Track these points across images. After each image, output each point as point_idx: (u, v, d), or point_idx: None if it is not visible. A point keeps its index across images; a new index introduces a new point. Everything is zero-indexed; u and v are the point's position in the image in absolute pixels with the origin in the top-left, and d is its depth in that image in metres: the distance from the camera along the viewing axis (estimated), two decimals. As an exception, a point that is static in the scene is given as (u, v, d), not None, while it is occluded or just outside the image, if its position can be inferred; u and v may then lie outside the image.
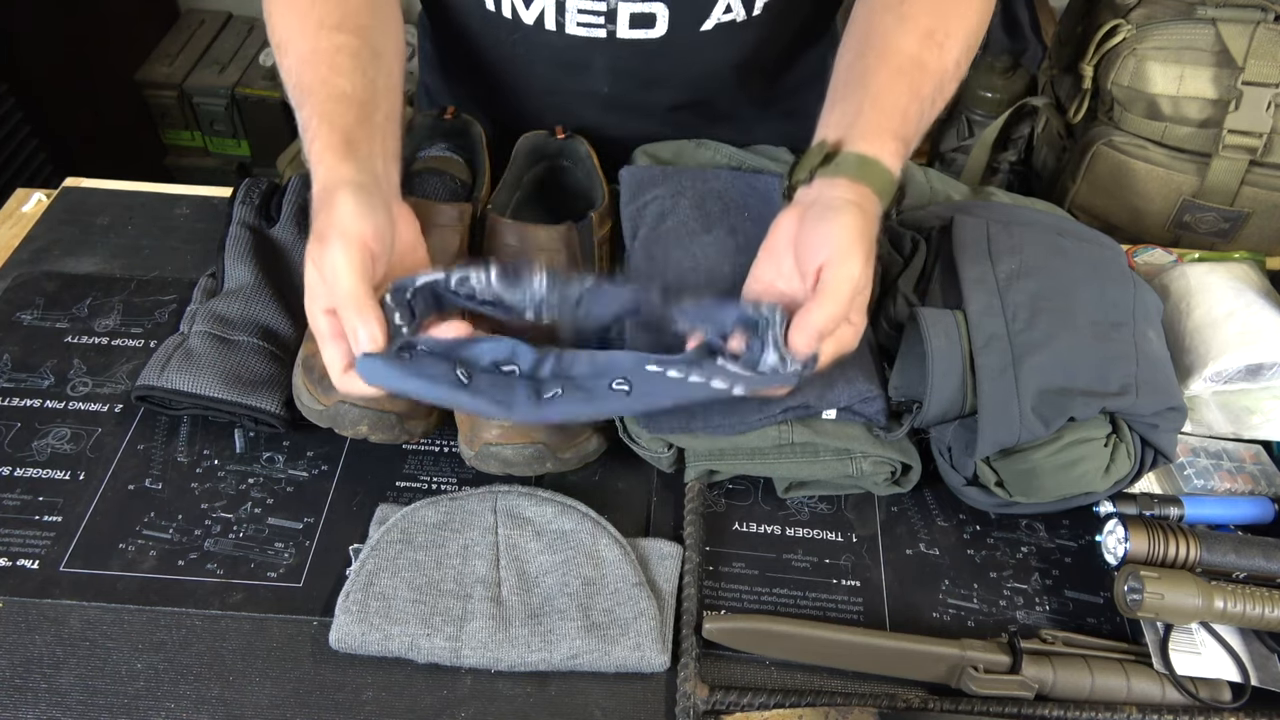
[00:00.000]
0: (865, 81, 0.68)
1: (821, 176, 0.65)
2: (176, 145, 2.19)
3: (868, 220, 0.62)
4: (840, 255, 0.59)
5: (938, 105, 0.70)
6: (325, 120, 0.65)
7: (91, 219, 0.90)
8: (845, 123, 0.66)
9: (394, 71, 0.71)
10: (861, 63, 0.69)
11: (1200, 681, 0.61)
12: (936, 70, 0.69)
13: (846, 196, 0.62)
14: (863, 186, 0.63)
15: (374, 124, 0.66)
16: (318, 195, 0.63)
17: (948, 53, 0.70)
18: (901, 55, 0.68)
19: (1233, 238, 1.16)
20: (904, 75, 0.68)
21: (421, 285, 0.62)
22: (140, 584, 0.64)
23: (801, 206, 0.64)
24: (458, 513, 0.65)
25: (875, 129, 0.65)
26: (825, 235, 0.60)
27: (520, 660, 0.60)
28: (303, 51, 0.68)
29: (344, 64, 0.67)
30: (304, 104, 0.67)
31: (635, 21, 0.79)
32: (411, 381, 0.58)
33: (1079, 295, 0.68)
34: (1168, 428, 0.66)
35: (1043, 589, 0.67)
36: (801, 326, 0.59)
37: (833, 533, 0.70)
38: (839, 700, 0.60)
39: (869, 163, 0.64)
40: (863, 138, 0.65)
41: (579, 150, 0.85)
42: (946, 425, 0.67)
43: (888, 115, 0.66)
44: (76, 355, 0.78)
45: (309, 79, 0.67)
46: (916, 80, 0.68)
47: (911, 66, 0.68)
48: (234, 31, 2.19)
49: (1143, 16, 1.11)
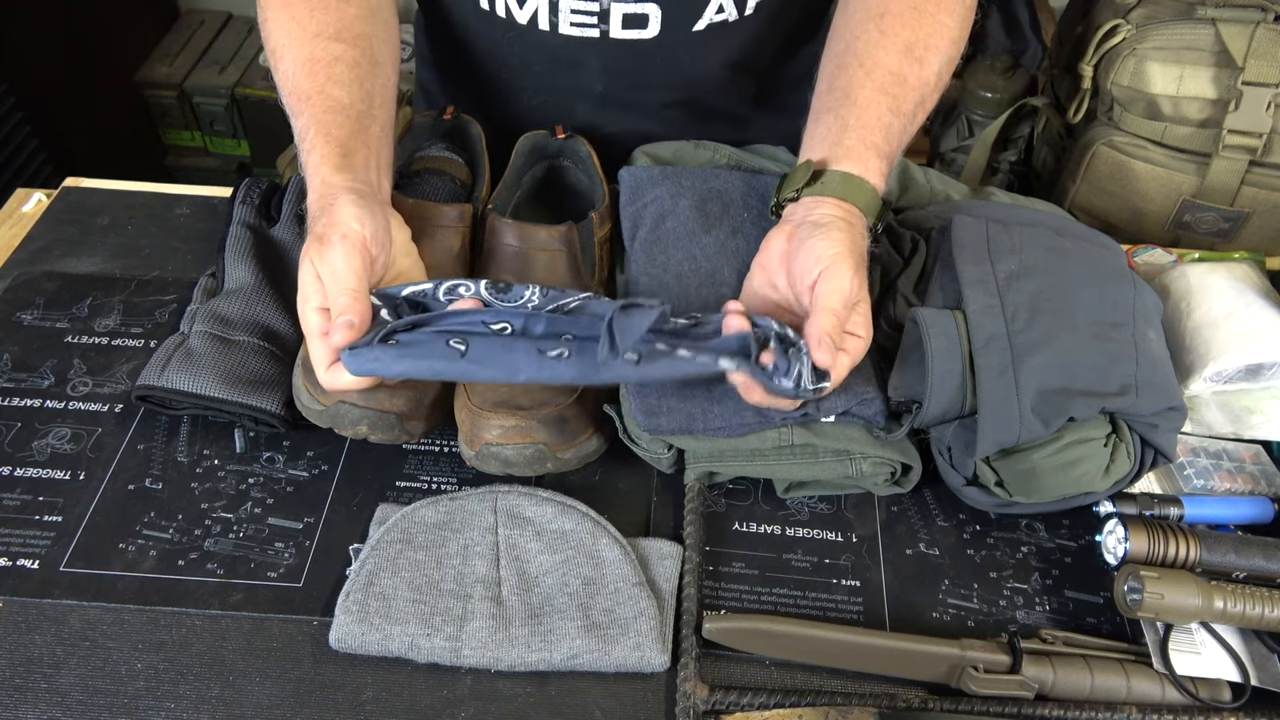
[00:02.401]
0: (849, 98, 0.69)
1: (808, 195, 0.67)
2: (176, 145, 2.19)
3: (855, 235, 0.64)
4: (830, 270, 0.62)
5: (919, 118, 0.72)
6: (322, 131, 0.65)
7: (91, 219, 0.90)
8: (830, 140, 0.68)
9: (390, 82, 0.72)
10: (844, 76, 0.71)
11: (1200, 681, 0.61)
12: (917, 84, 0.70)
13: (833, 214, 0.64)
14: (848, 205, 0.66)
15: (369, 136, 0.67)
16: (314, 202, 0.64)
17: (928, 66, 0.71)
18: (883, 70, 0.70)
19: (1233, 238, 1.16)
20: (886, 92, 0.69)
21: (408, 294, 0.62)
22: (140, 584, 0.64)
23: (791, 225, 0.67)
24: (458, 513, 0.65)
25: (859, 147, 0.67)
26: (815, 253, 0.63)
27: (520, 660, 0.60)
28: (299, 59, 0.69)
29: (342, 75, 0.68)
30: (301, 112, 0.67)
31: (628, 22, 0.79)
32: (403, 363, 0.58)
33: (1079, 295, 0.68)
34: (1168, 428, 0.66)
35: (1043, 589, 0.67)
36: (816, 340, 0.60)
37: (833, 533, 0.70)
38: (839, 700, 0.60)
39: (854, 181, 0.66)
40: (847, 156, 0.67)
41: (579, 150, 0.85)
42: (946, 425, 0.67)
43: (871, 133, 0.68)
44: (76, 355, 0.78)
45: (306, 87, 0.67)
46: (898, 97, 0.69)
47: (893, 83, 0.69)
48: (234, 31, 2.19)
49: (1143, 16, 1.11)
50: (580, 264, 0.75)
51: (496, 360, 0.58)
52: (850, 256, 0.62)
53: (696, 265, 0.74)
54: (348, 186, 0.63)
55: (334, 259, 0.60)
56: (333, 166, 0.64)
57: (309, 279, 0.62)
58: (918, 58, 0.70)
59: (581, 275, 0.75)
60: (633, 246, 0.77)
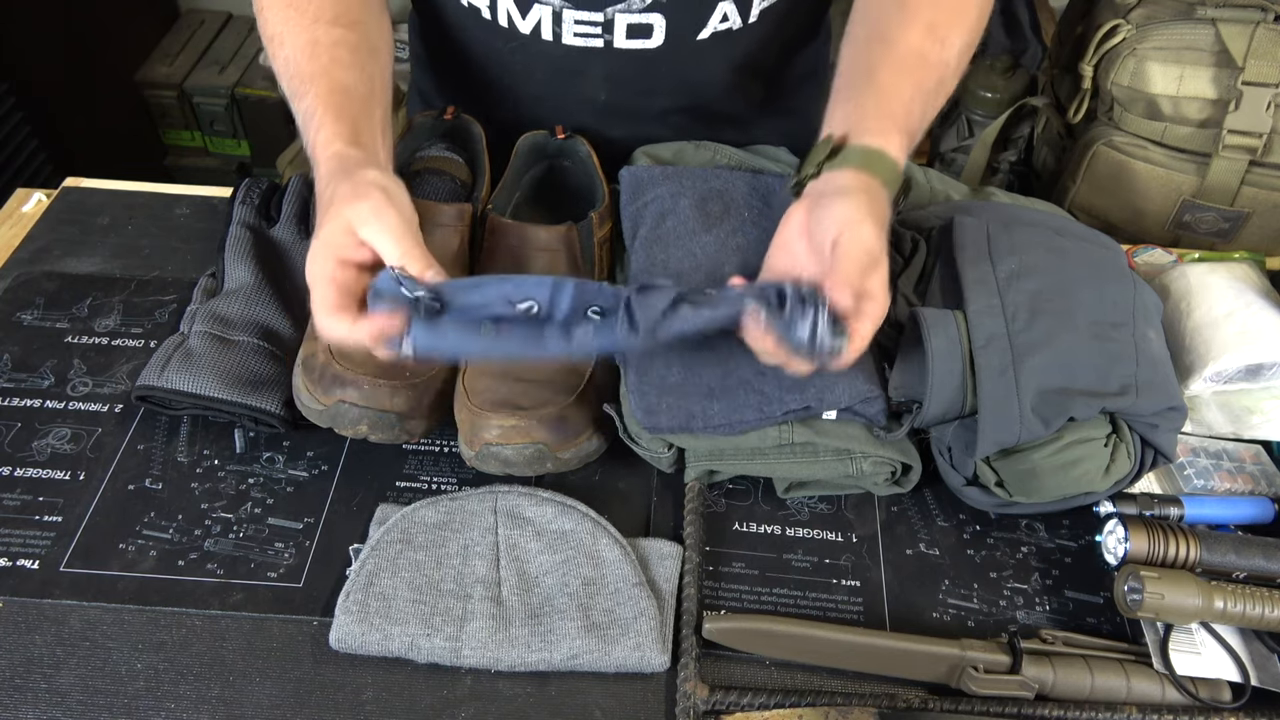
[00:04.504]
0: (870, 76, 0.68)
1: (828, 170, 0.65)
2: (176, 145, 2.19)
3: (876, 202, 0.62)
4: (852, 225, 0.60)
5: (939, 100, 0.71)
6: (331, 109, 0.65)
7: (91, 219, 0.90)
8: (851, 118, 0.67)
9: (387, 68, 0.72)
10: (866, 57, 0.70)
11: (1200, 681, 0.61)
12: (938, 64, 0.70)
13: (854, 184, 0.63)
14: (868, 176, 0.64)
15: (374, 120, 0.67)
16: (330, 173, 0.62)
17: (949, 47, 0.70)
18: (904, 49, 0.69)
19: (1233, 238, 1.16)
20: (907, 70, 0.68)
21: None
22: (140, 584, 0.64)
23: (810, 198, 0.65)
24: (458, 513, 0.65)
25: (880, 122, 0.66)
26: (835, 215, 0.61)
27: (520, 660, 0.60)
28: (300, 43, 0.68)
29: (344, 58, 0.68)
30: (305, 93, 0.67)
31: (632, 32, 0.79)
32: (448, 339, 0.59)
33: (1079, 295, 0.68)
34: (1168, 428, 0.66)
35: (1043, 589, 0.67)
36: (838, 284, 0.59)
37: (833, 533, 0.70)
38: (839, 700, 0.60)
39: (875, 154, 0.65)
40: (868, 131, 0.65)
41: (579, 150, 0.85)
42: (946, 425, 0.67)
43: (892, 109, 0.67)
44: (76, 355, 0.78)
45: (309, 69, 0.67)
46: (919, 75, 0.69)
47: (915, 61, 0.69)
48: (234, 31, 2.19)
49: (1143, 16, 1.11)
50: (580, 264, 0.75)
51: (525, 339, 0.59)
52: (872, 217, 0.61)
53: (697, 264, 0.74)
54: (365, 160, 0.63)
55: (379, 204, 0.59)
56: (346, 141, 0.64)
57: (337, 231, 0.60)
58: (940, 38, 0.70)
59: (581, 275, 0.75)
60: (633, 246, 0.77)
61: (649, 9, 0.77)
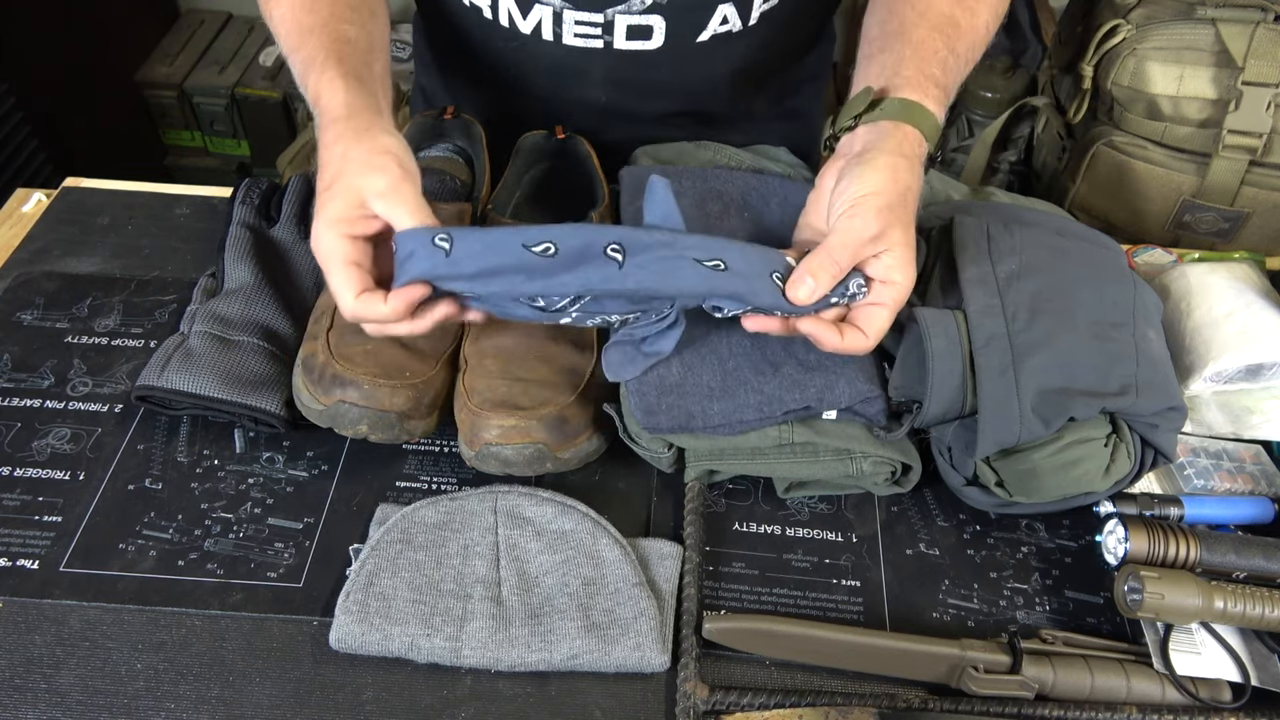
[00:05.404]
0: (903, 33, 0.69)
1: (866, 122, 0.65)
2: (176, 145, 2.19)
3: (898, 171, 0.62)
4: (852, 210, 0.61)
5: (969, 64, 0.71)
6: (334, 56, 0.65)
7: (91, 219, 0.90)
8: (888, 72, 0.67)
9: (385, 35, 0.72)
10: (897, 19, 0.70)
11: (1200, 681, 0.61)
12: (969, 29, 0.71)
13: (885, 146, 0.63)
14: (908, 127, 0.64)
15: (374, 73, 0.67)
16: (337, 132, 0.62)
17: (978, 15, 0.71)
18: (936, 12, 0.70)
19: (1233, 238, 1.16)
20: (940, 30, 0.69)
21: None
22: (140, 584, 0.64)
23: (842, 160, 0.65)
24: (458, 513, 0.65)
25: (917, 76, 0.66)
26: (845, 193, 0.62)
27: (520, 660, 0.60)
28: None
29: (344, 13, 0.68)
30: (305, 43, 0.66)
31: (632, 33, 0.79)
32: (498, 278, 0.58)
33: (1079, 295, 0.68)
34: (1168, 428, 0.66)
35: (1043, 589, 0.67)
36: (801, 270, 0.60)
37: (833, 533, 0.70)
38: (839, 700, 0.60)
39: (913, 106, 0.65)
40: (906, 84, 0.66)
41: (579, 150, 0.85)
42: (946, 425, 0.67)
43: (929, 64, 0.67)
44: (76, 355, 0.78)
45: (310, 21, 0.67)
46: (952, 36, 0.69)
47: (946, 23, 0.70)
48: (234, 31, 2.19)
49: (1143, 16, 1.11)
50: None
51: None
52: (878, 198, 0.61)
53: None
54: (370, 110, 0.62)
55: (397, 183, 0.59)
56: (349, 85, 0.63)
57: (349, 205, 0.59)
58: (969, 6, 0.71)
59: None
60: (633, 246, 0.77)
61: (649, 10, 0.77)
